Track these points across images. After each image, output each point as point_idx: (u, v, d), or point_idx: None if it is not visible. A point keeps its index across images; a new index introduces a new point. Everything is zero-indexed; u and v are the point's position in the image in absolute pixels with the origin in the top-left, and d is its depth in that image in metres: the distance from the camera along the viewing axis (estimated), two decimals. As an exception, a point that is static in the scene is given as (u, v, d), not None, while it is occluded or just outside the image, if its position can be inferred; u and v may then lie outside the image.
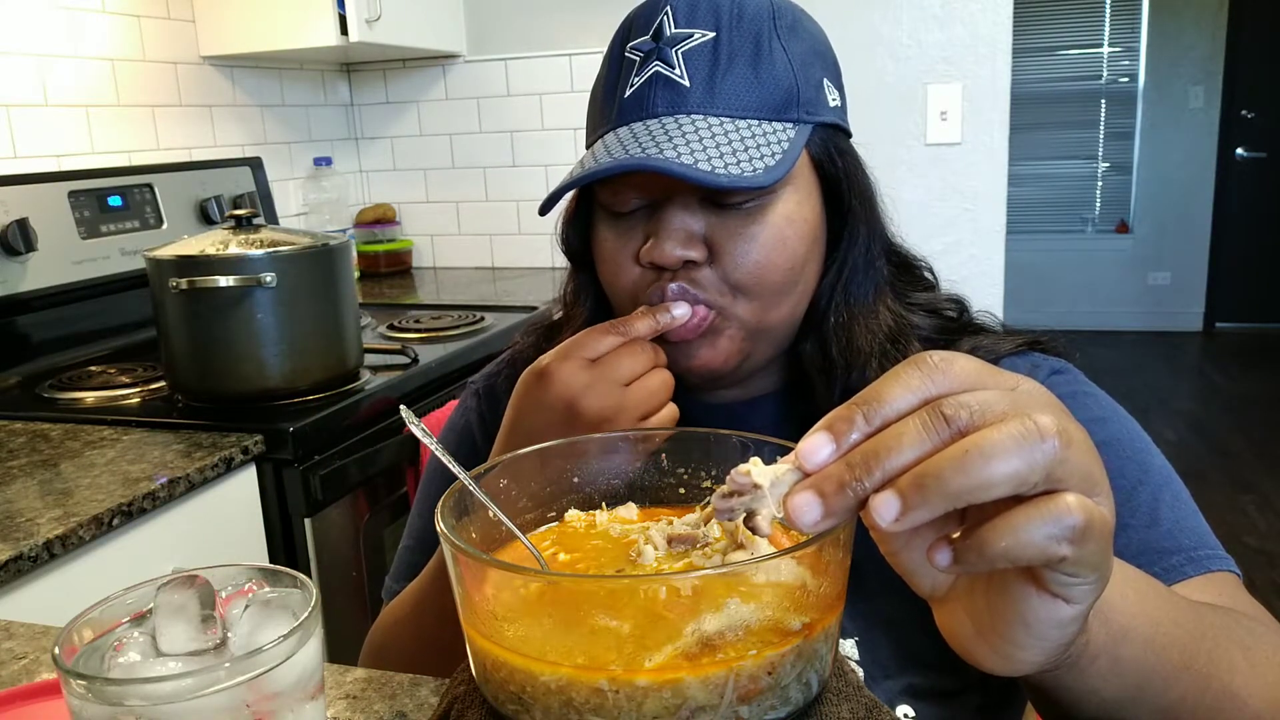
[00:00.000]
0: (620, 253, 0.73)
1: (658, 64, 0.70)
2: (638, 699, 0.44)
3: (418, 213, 2.89)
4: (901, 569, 0.43)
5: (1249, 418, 4.42)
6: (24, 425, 1.50)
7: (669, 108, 0.69)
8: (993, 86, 2.40)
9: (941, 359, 0.39)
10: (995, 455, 0.35)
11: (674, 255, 0.69)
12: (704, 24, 0.70)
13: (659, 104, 0.69)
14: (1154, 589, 0.54)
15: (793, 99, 0.71)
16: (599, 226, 0.76)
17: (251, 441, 1.41)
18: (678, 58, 0.70)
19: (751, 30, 0.70)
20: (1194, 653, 0.53)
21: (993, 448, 0.35)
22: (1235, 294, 5.93)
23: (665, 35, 0.70)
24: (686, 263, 0.70)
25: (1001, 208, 2.46)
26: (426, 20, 2.55)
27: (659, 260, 0.69)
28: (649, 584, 0.46)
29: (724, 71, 0.69)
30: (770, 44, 0.71)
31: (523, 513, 0.61)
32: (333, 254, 1.55)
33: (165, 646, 0.44)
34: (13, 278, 1.72)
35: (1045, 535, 0.36)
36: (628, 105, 0.71)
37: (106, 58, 2.02)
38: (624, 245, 0.73)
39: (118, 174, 1.98)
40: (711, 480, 0.63)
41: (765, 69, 0.70)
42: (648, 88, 0.70)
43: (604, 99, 0.74)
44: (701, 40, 0.70)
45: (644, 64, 0.70)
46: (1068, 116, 6.01)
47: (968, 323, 0.81)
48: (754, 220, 0.70)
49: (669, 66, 0.70)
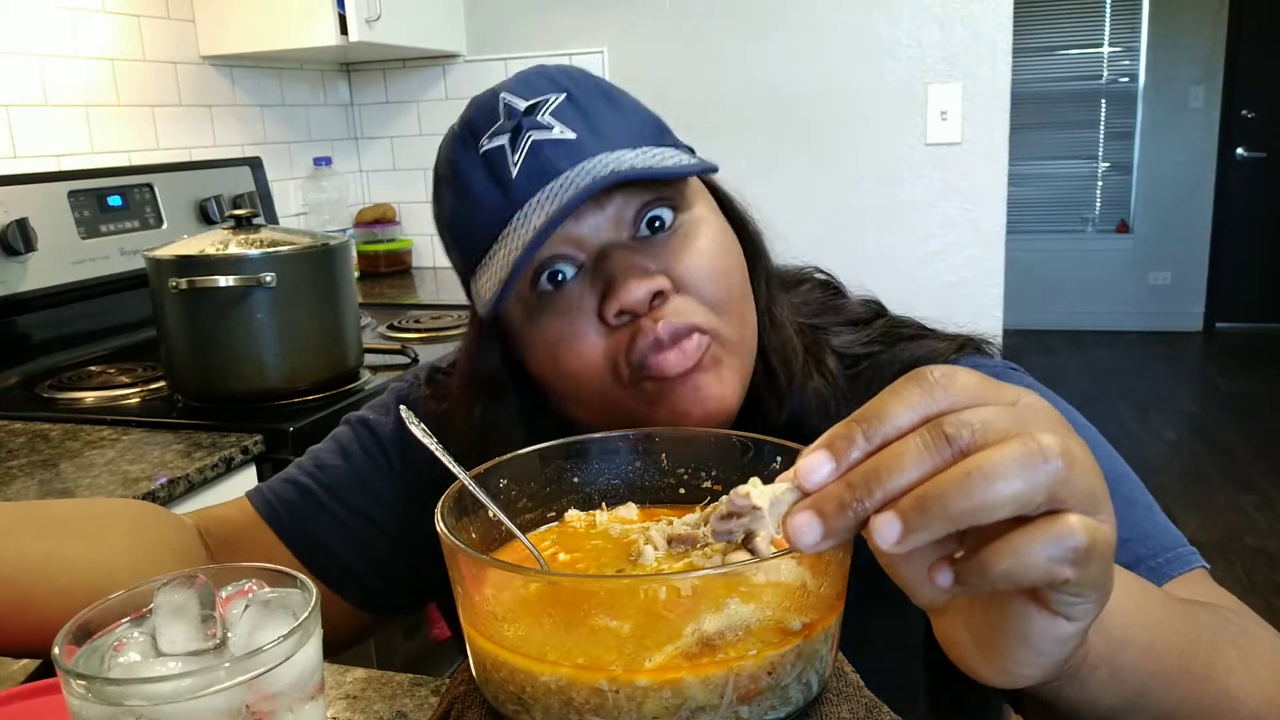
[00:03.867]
0: (577, 323, 0.66)
1: (532, 133, 0.66)
2: (638, 699, 0.44)
3: (418, 213, 2.89)
4: (900, 580, 0.42)
5: (1249, 418, 4.42)
6: (24, 425, 1.49)
7: (570, 160, 0.65)
8: (993, 86, 2.40)
9: (942, 374, 0.38)
10: (998, 477, 0.35)
11: (645, 290, 0.63)
12: (548, 90, 0.68)
13: (560, 161, 0.65)
14: (1150, 594, 0.53)
15: (664, 129, 0.72)
16: (533, 324, 0.68)
17: (251, 441, 1.41)
18: (548, 119, 0.66)
19: (591, 84, 0.70)
20: (1191, 655, 0.53)
21: (994, 469, 0.35)
22: (1235, 294, 5.93)
23: (519, 111, 0.67)
24: (656, 296, 0.64)
25: (1001, 208, 2.46)
26: (426, 20, 2.55)
27: (630, 303, 0.63)
28: (649, 584, 0.46)
29: (596, 117, 0.67)
30: (613, 92, 0.71)
31: (523, 513, 0.61)
32: (333, 254, 1.55)
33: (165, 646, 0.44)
34: (13, 278, 1.72)
35: (1048, 557, 0.35)
36: (521, 183, 0.65)
37: (106, 58, 2.02)
38: (577, 319, 0.66)
39: (117, 174, 1.98)
40: (711, 480, 0.63)
41: (626, 109, 0.70)
42: (534, 157, 0.65)
43: (482, 209, 0.67)
44: (558, 100, 0.67)
45: (515, 143, 0.66)
46: (1068, 116, 6.01)
47: (890, 329, 0.78)
48: (691, 236, 0.68)
49: (546, 130, 0.66)
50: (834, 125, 2.53)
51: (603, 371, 0.66)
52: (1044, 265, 6.08)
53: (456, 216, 0.70)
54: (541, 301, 0.67)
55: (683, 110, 2.73)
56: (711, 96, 2.58)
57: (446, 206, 0.71)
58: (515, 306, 0.69)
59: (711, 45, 2.58)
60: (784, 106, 2.55)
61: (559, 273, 0.67)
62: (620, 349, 0.65)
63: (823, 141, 2.53)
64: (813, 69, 2.52)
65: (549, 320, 0.67)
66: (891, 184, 2.51)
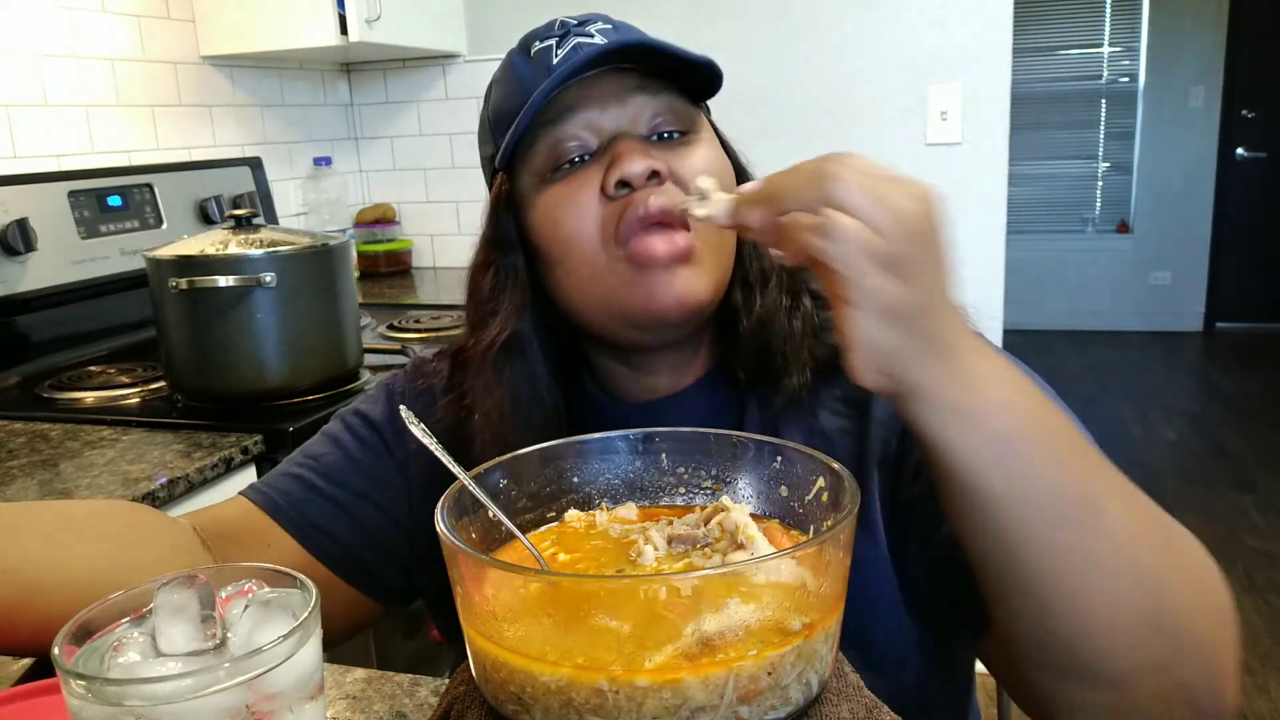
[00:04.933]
0: (580, 193, 0.73)
1: (576, 38, 0.75)
2: (638, 699, 0.44)
3: (418, 213, 2.89)
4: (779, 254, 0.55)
5: (1249, 418, 4.42)
6: (24, 425, 1.49)
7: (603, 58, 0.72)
8: (993, 86, 2.40)
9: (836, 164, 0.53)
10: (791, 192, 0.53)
11: (644, 165, 0.71)
12: (597, 18, 0.78)
13: (595, 54, 0.72)
14: (1033, 393, 0.56)
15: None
16: (541, 192, 0.75)
17: (251, 441, 1.41)
18: (592, 31, 0.75)
19: (633, 25, 0.79)
20: (1079, 454, 0.56)
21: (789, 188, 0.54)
22: (1235, 294, 5.93)
23: (571, 24, 0.76)
24: (653, 175, 0.71)
25: (1001, 208, 2.46)
26: (426, 20, 2.55)
27: (628, 172, 0.70)
28: (649, 584, 0.46)
29: (631, 33, 0.76)
30: (649, 33, 0.78)
31: (523, 513, 0.61)
32: (333, 254, 1.55)
33: (165, 646, 0.44)
34: (13, 278, 1.72)
35: (804, 225, 0.51)
36: (559, 67, 0.73)
37: (106, 58, 2.02)
38: (581, 187, 0.73)
39: (117, 174, 1.98)
40: (712, 480, 0.63)
41: (660, 38, 0.77)
42: (576, 51, 0.73)
43: (522, 91, 0.74)
44: (603, 23, 0.77)
45: (561, 44, 0.75)
46: (1068, 116, 6.01)
47: None
48: (693, 147, 0.76)
49: (588, 37, 0.75)
50: (834, 125, 2.53)
51: (594, 238, 0.73)
52: (1044, 265, 6.08)
53: (499, 106, 0.78)
54: (554, 175, 0.75)
55: (683, 110, 2.74)
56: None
57: (492, 102, 0.80)
58: (530, 179, 0.76)
59: (712, 46, 2.57)
60: (784, 107, 2.55)
61: (573, 152, 0.74)
62: (613, 219, 0.72)
63: (823, 142, 2.53)
64: (813, 70, 2.52)
65: (556, 187, 0.74)
66: (891, 184, 2.50)
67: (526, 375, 0.79)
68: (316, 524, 0.84)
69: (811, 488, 0.57)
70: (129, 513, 0.79)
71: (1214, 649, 0.57)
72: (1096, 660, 0.56)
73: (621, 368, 0.81)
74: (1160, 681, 0.56)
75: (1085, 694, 0.58)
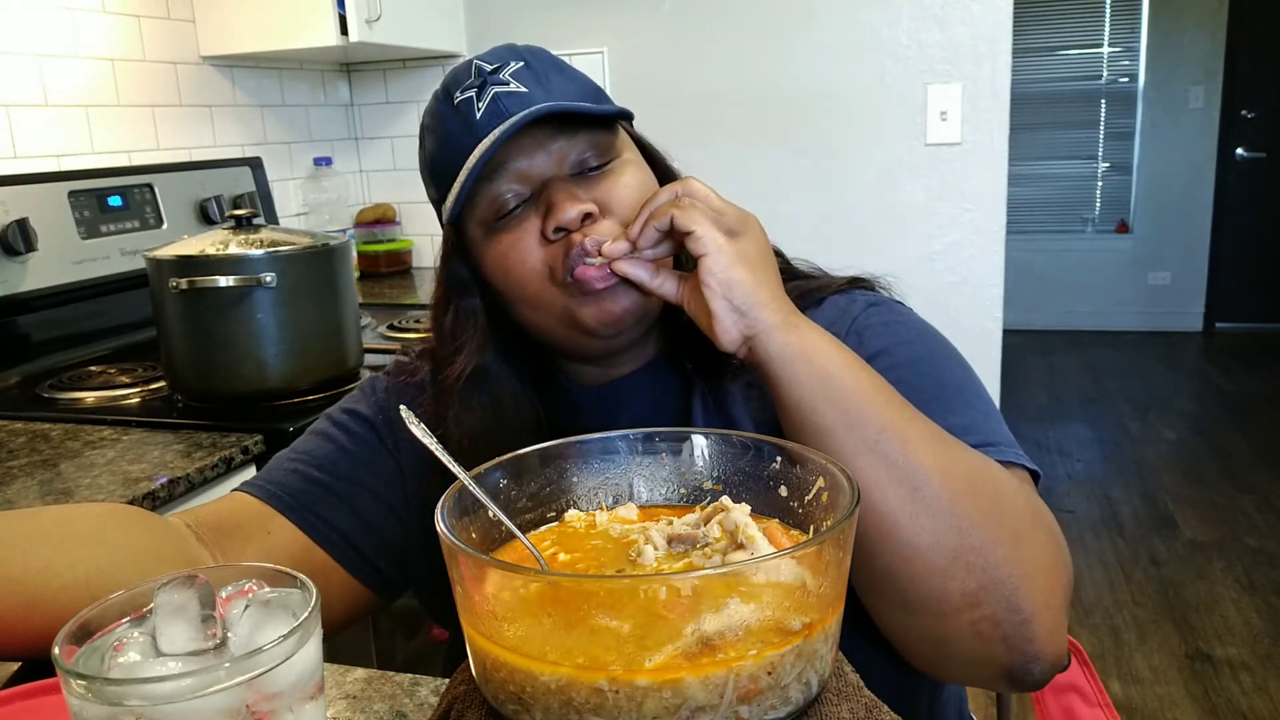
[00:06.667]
0: (523, 240, 0.81)
1: (494, 88, 0.81)
2: (638, 699, 0.44)
3: (418, 213, 2.89)
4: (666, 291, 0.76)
5: (1249, 418, 4.42)
6: (24, 425, 1.50)
7: (521, 106, 0.80)
8: (993, 86, 2.40)
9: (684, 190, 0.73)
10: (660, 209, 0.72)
11: (576, 210, 0.78)
12: (510, 59, 0.84)
13: (513, 106, 0.80)
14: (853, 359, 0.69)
15: (601, 93, 0.87)
16: (489, 241, 0.83)
17: (251, 441, 1.41)
18: (507, 78, 0.82)
19: (545, 59, 0.85)
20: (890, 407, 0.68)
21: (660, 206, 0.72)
22: (1235, 294, 5.93)
23: (486, 71, 0.82)
24: (586, 217, 0.79)
25: (1001, 208, 2.46)
26: (426, 20, 2.55)
27: (564, 220, 0.78)
28: (649, 584, 0.46)
29: (546, 79, 0.83)
30: (562, 64, 0.86)
31: (523, 513, 0.61)
32: (333, 254, 1.55)
33: (165, 646, 0.44)
34: (13, 278, 1.72)
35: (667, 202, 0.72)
36: (483, 123, 0.80)
37: (106, 58, 2.02)
38: (523, 235, 0.81)
39: (118, 174, 1.98)
40: (712, 480, 0.63)
41: (571, 76, 0.85)
42: (495, 103, 0.81)
43: (452, 146, 0.82)
44: (516, 65, 0.83)
45: (480, 94, 0.82)
46: (1068, 116, 6.00)
47: (790, 269, 0.92)
48: (619, 175, 0.83)
49: (504, 85, 0.82)
50: (834, 125, 2.53)
51: (542, 275, 0.81)
52: (1044, 265, 6.08)
53: (434, 155, 0.85)
54: (497, 224, 0.82)
55: (682, 110, 2.74)
56: (711, 96, 2.58)
57: (428, 149, 0.86)
58: (477, 230, 0.84)
59: (711, 45, 2.58)
60: (784, 107, 2.55)
61: (512, 203, 0.81)
62: (557, 258, 0.80)
63: (823, 142, 2.53)
64: (813, 69, 2.52)
65: (503, 236, 0.82)
66: (891, 184, 2.51)
67: (494, 400, 0.87)
68: (317, 511, 0.87)
69: (811, 488, 0.57)
70: (123, 515, 0.80)
71: (1022, 592, 0.64)
72: (910, 585, 0.65)
73: (586, 365, 0.89)
74: (971, 614, 0.64)
75: (908, 618, 0.67)
